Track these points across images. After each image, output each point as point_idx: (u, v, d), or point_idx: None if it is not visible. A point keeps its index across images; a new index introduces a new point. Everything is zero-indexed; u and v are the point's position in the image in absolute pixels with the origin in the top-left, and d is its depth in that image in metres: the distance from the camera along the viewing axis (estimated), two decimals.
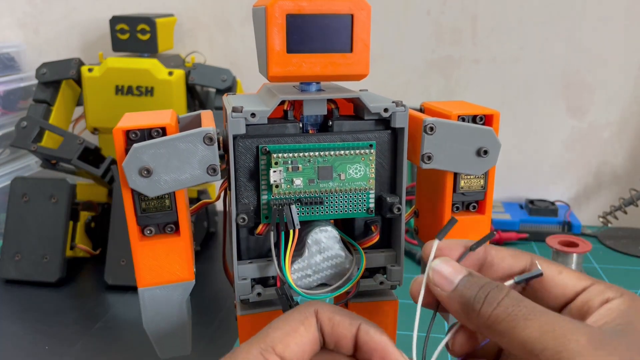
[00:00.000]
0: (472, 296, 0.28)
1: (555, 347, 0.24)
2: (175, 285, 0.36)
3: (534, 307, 0.26)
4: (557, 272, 0.29)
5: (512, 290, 0.27)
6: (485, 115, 0.38)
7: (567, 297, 0.29)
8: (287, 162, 0.34)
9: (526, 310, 0.26)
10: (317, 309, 0.29)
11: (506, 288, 0.27)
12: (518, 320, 0.26)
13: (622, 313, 0.26)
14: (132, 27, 0.83)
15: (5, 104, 0.89)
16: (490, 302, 0.27)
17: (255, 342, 0.28)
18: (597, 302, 0.27)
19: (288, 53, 0.32)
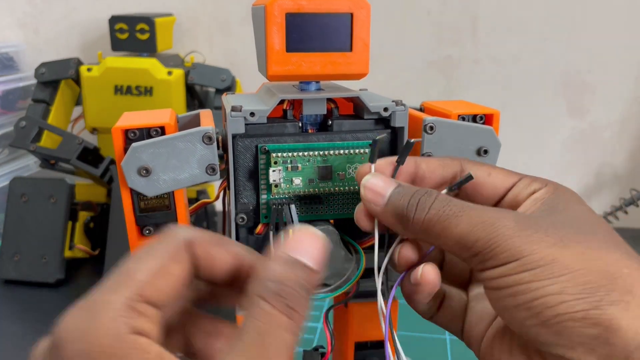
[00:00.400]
0: (404, 205, 0.28)
1: (486, 236, 0.26)
2: None
3: (462, 204, 0.27)
4: (487, 174, 0.31)
5: (441, 194, 0.28)
6: (485, 114, 0.38)
7: (499, 195, 0.30)
8: (287, 161, 0.34)
9: (456, 208, 0.27)
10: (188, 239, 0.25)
11: (435, 192, 0.28)
12: (450, 219, 0.27)
13: (546, 200, 0.28)
14: (131, 26, 0.83)
15: (4, 104, 0.88)
16: (422, 207, 0.28)
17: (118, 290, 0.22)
18: (525, 194, 0.29)
19: (287, 52, 0.32)
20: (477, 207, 0.27)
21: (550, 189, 0.29)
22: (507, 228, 0.26)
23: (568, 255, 0.25)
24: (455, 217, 0.27)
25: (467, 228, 0.26)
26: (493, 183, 0.30)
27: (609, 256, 0.25)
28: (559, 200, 0.28)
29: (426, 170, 0.31)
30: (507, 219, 0.26)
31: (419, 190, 0.29)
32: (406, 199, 0.28)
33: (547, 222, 0.26)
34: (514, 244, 0.25)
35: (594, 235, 0.26)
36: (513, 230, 0.26)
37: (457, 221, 0.27)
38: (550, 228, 0.26)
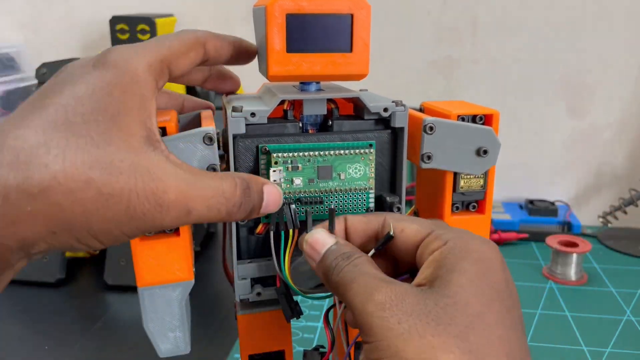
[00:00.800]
0: (328, 266, 0.30)
1: (360, 308, 0.26)
2: (174, 284, 0.36)
3: (361, 271, 0.28)
4: (400, 231, 0.31)
5: (359, 259, 0.29)
6: (484, 115, 0.38)
7: (412, 251, 0.30)
8: (287, 161, 0.34)
9: (354, 274, 0.28)
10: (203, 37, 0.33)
11: (354, 256, 0.29)
12: (346, 284, 0.28)
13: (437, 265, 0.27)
14: (132, 27, 0.83)
15: (5, 104, 0.89)
16: (337, 270, 0.29)
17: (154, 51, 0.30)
18: (426, 254, 0.29)
19: (288, 52, 0.32)
20: (369, 275, 0.28)
21: (444, 252, 0.28)
22: (372, 304, 0.26)
23: (409, 351, 0.24)
24: (350, 283, 0.28)
25: (355, 296, 0.27)
26: (405, 240, 0.31)
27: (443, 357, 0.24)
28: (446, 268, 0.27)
29: (351, 227, 0.33)
30: (379, 292, 0.26)
31: (343, 254, 0.30)
32: (331, 259, 0.30)
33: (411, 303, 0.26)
34: (373, 325, 0.26)
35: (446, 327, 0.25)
36: (375, 308, 0.26)
37: (351, 287, 0.28)
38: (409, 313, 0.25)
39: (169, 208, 0.27)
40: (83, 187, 0.25)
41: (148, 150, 0.27)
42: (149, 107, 0.28)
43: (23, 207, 0.24)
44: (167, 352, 0.38)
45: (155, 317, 0.36)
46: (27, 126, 0.25)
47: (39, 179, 0.24)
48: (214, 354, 0.59)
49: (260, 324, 0.38)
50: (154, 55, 0.29)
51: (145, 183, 0.26)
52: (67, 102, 0.26)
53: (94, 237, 0.26)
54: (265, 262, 0.36)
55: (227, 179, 0.29)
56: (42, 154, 0.24)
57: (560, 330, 0.63)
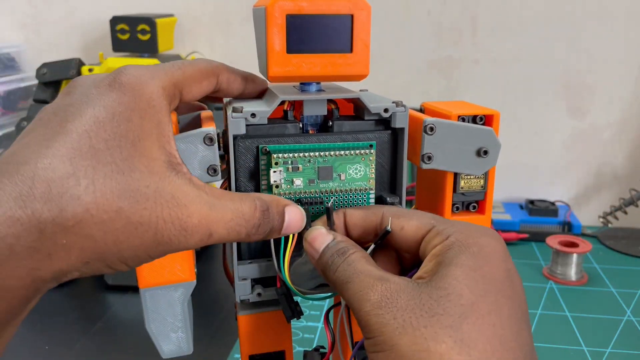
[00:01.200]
0: (325, 263, 0.30)
1: (358, 306, 0.27)
2: (176, 285, 0.36)
3: (356, 270, 0.28)
4: (399, 229, 0.31)
5: (353, 255, 0.30)
6: (485, 115, 0.38)
7: (414, 247, 0.31)
8: (287, 162, 0.34)
9: (349, 273, 0.28)
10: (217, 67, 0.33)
11: (349, 252, 0.30)
12: (342, 284, 0.29)
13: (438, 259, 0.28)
14: (132, 27, 0.83)
15: (5, 104, 0.89)
16: (333, 268, 0.30)
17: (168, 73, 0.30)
18: (428, 249, 0.29)
19: (288, 53, 0.32)
20: (363, 273, 0.28)
21: (445, 246, 0.28)
22: (368, 303, 0.27)
23: (404, 344, 0.25)
24: (346, 282, 0.28)
25: (352, 294, 0.28)
26: (405, 237, 0.31)
27: (435, 347, 0.24)
28: (444, 262, 0.27)
29: (350, 221, 0.33)
30: (374, 292, 0.27)
31: (339, 250, 0.30)
32: (328, 256, 0.30)
33: (406, 298, 0.26)
34: (369, 322, 0.26)
35: (439, 317, 0.25)
36: (371, 307, 0.26)
37: (347, 286, 0.28)
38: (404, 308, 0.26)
39: (192, 232, 0.27)
40: (114, 218, 0.25)
41: (171, 174, 0.27)
42: (166, 131, 0.28)
43: (58, 241, 0.24)
44: (169, 352, 0.38)
45: (158, 318, 0.36)
46: (54, 155, 0.24)
47: (72, 212, 0.24)
48: (214, 354, 0.59)
49: (260, 325, 0.38)
50: (168, 79, 0.29)
51: (170, 209, 0.26)
52: (89, 127, 0.26)
53: (123, 263, 0.26)
54: (265, 262, 0.36)
55: (246, 201, 0.29)
56: (73, 185, 0.24)
57: (560, 331, 0.63)
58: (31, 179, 0.24)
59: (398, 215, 0.32)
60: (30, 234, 0.23)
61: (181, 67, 0.31)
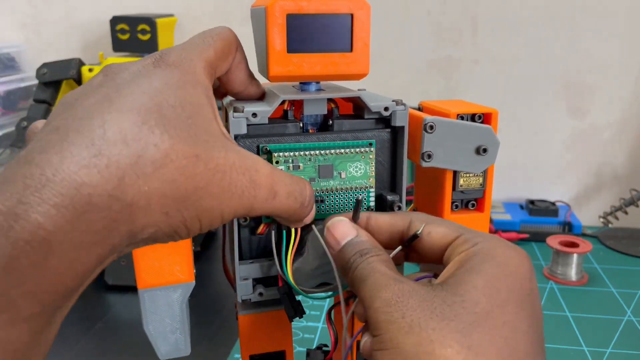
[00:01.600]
0: (347, 261, 0.30)
1: (368, 304, 0.27)
2: (175, 286, 0.36)
3: (374, 269, 0.29)
4: (427, 233, 0.31)
5: (375, 257, 0.30)
6: (483, 113, 0.38)
7: (439, 253, 0.31)
8: (288, 161, 0.34)
9: (367, 272, 0.29)
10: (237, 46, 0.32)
11: (369, 255, 0.30)
12: (360, 282, 0.29)
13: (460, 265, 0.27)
14: (132, 27, 0.83)
15: (5, 104, 0.89)
16: (353, 266, 0.30)
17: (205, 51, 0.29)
18: (454, 255, 0.29)
19: (288, 53, 0.32)
20: (380, 272, 0.28)
21: (470, 254, 0.28)
22: (379, 300, 0.26)
23: (409, 343, 0.25)
24: (362, 281, 0.28)
25: (367, 293, 0.28)
26: (432, 242, 0.31)
27: (441, 351, 0.24)
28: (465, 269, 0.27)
29: (375, 226, 0.33)
30: (387, 290, 0.27)
31: (362, 250, 0.30)
32: (350, 254, 0.30)
33: (418, 300, 0.26)
34: (378, 319, 0.26)
35: (449, 322, 0.25)
36: (381, 304, 0.26)
37: (363, 286, 0.28)
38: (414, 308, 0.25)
39: (260, 186, 0.27)
40: (194, 162, 0.25)
41: (228, 142, 0.27)
42: (215, 107, 0.28)
43: (140, 187, 0.23)
44: (167, 354, 0.38)
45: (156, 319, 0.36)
46: (120, 110, 0.23)
47: (151, 157, 0.23)
48: (214, 354, 0.59)
49: (261, 324, 0.38)
50: (205, 59, 0.29)
51: (240, 160, 0.27)
52: (146, 90, 0.25)
53: (198, 219, 0.26)
54: (266, 262, 0.36)
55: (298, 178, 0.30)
56: (147, 133, 0.23)
57: (560, 331, 0.63)
58: (101, 128, 0.23)
59: (427, 221, 0.31)
60: (109, 182, 0.22)
61: (212, 43, 0.30)
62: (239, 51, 0.32)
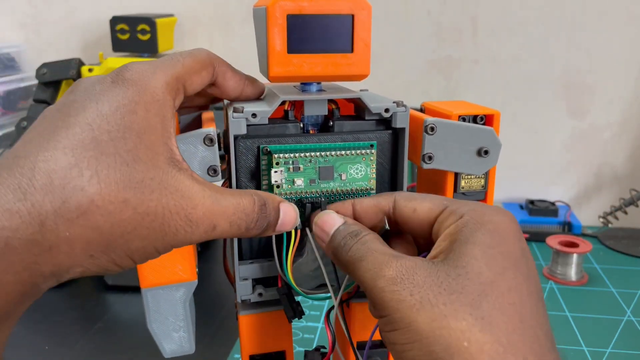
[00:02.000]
0: (337, 245, 0.30)
1: (371, 284, 0.27)
2: (178, 285, 0.36)
3: (370, 248, 0.28)
4: (412, 211, 0.31)
5: (367, 237, 0.29)
6: (485, 115, 0.38)
7: (427, 229, 0.31)
8: (288, 162, 0.34)
9: (363, 252, 0.28)
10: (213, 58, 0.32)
11: (362, 234, 0.30)
12: (355, 262, 0.28)
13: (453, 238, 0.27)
14: (132, 27, 0.83)
15: (5, 104, 0.89)
16: (346, 248, 0.29)
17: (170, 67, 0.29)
18: (442, 229, 0.29)
19: (289, 53, 0.32)
20: (378, 251, 0.28)
21: (459, 225, 0.28)
22: (383, 280, 0.26)
23: (422, 320, 0.25)
24: (360, 261, 0.28)
25: (365, 272, 0.28)
26: (418, 219, 0.31)
27: (456, 324, 0.24)
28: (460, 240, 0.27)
29: (360, 210, 0.33)
30: (389, 268, 0.26)
31: (352, 232, 0.30)
32: (340, 238, 0.30)
33: (423, 275, 0.26)
34: (383, 299, 0.26)
35: (459, 295, 0.25)
36: (386, 284, 0.26)
37: (361, 265, 0.28)
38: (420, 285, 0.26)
39: (197, 224, 0.27)
40: (121, 208, 0.25)
41: (173, 170, 0.27)
42: (169, 127, 0.28)
43: (61, 233, 0.23)
44: (171, 352, 0.38)
45: (159, 318, 0.36)
46: (55, 147, 0.24)
47: (76, 203, 0.23)
48: (214, 354, 0.59)
49: (261, 325, 0.38)
50: (170, 73, 0.29)
51: (175, 200, 0.26)
52: (92, 120, 0.25)
53: (129, 257, 0.26)
54: (266, 262, 0.36)
55: (245, 196, 0.29)
56: (76, 176, 0.24)
57: (560, 331, 0.63)
58: (31, 171, 0.23)
59: (410, 198, 0.31)
60: (29, 227, 0.22)
61: (180, 59, 0.30)
62: (219, 64, 0.32)
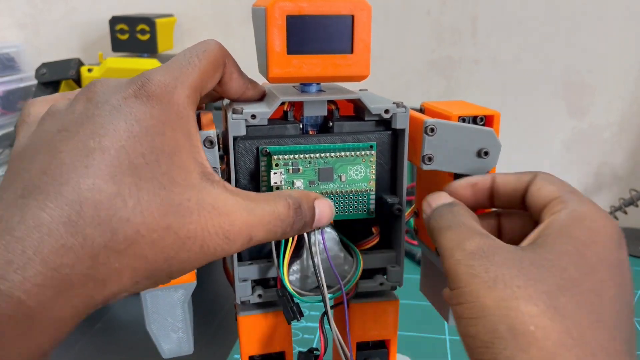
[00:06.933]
0: (432, 212, 0.31)
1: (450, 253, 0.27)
2: (176, 286, 0.36)
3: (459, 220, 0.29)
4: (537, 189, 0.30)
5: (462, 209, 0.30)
6: (485, 115, 0.38)
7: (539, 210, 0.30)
8: (288, 163, 0.34)
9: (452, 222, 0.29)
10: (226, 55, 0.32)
11: (455, 206, 0.30)
12: (441, 230, 0.29)
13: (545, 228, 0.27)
14: (131, 27, 0.83)
15: (5, 104, 0.88)
16: (436, 217, 0.30)
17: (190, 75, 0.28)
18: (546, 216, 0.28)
19: (288, 54, 0.32)
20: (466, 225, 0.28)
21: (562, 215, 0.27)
22: (462, 252, 0.26)
23: (491, 298, 0.24)
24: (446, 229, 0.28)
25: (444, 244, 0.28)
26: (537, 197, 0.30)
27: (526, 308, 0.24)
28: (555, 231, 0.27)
29: (500, 183, 0.32)
30: (471, 242, 0.27)
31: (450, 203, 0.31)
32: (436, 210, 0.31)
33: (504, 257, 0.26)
34: (457, 271, 0.26)
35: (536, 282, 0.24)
36: (463, 257, 0.26)
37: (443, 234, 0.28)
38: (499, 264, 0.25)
39: (235, 239, 0.27)
40: (164, 235, 0.25)
41: (207, 185, 0.27)
42: (196, 142, 0.28)
43: (112, 265, 0.23)
44: (170, 353, 0.38)
45: (158, 319, 0.37)
46: (95, 174, 0.23)
47: (123, 234, 0.23)
48: (213, 355, 0.59)
49: (260, 326, 0.38)
50: (190, 85, 0.28)
51: (213, 220, 0.26)
52: (125, 142, 0.25)
53: (168, 278, 0.26)
54: (265, 263, 0.36)
55: (280, 201, 0.29)
56: (121, 206, 0.23)
57: None
58: (78, 203, 0.23)
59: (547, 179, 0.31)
60: (84, 262, 0.22)
61: (197, 64, 0.29)
62: (229, 63, 0.32)
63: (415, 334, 0.60)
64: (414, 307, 0.65)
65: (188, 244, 0.25)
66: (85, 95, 0.27)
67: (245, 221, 0.27)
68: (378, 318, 0.39)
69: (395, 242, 0.38)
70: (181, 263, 0.26)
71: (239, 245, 0.27)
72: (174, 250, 0.25)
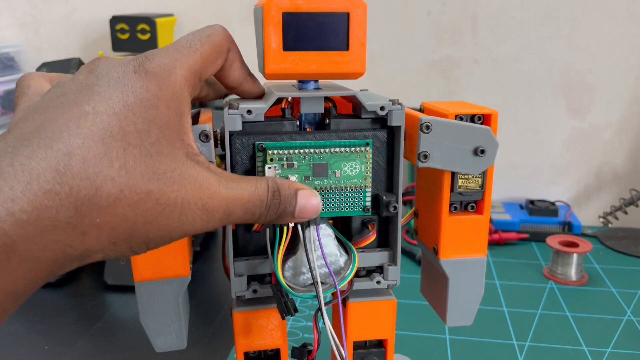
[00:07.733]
0: None
1: None
2: (171, 280, 0.36)
3: None
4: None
5: None
6: (483, 114, 0.38)
7: None
8: (282, 158, 0.34)
9: None
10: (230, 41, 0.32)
11: None
12: None
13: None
14: (132, 27, 0.83)
15: (5, 104, 0.89)
16: None
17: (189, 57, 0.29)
18: None
19: (284, 51, 0.32)
20: None
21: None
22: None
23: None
24: None
25: None
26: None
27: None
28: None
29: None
30: None
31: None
32: None
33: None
34: None
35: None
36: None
37: None
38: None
39: (213, 212, 0.28)
40: (144, 199, 0.26)
41: (192, 162, 0.28)
42: (186, 124, 0.29)
43: (93, 220, 0.24)
44: (163, 346, 0.38)
45: (152, 312, 0.37)
46: (86, 135, 0.25)
47: (107, 191, 0.25)
48: (213, 354, 0.59)
49: (255, 322, 0.38)
50: (189, 67, 0.29)
51: (194, 192, 0.28)
52: (119, 110, 0.26)
53: (146, 245, 0.27)
54: (262, 259, 0.36)
55: (261, 183, 0.30)
56: (107, 166, 0.25)
57: (560, 331, 0.63)
58: (67, 156, 0.24)
59: None
60: (67, 210, 0.24)
61: (199, 48, 0.30)
62: (232, 50, 0.32)
63: (415, 333, 0.60)
64: (414, 307, 0.65)
65: (167, 211, 0.27)
66: (88, 67, 0.29)
67: (224, 197, 0.29)
68: (375, 317, 0.39)
69: (392, 241, 0.38)
70: (159, 229, 0.27)
71: (217, 219, 0.28)
72: (152, 215, 0.26)
